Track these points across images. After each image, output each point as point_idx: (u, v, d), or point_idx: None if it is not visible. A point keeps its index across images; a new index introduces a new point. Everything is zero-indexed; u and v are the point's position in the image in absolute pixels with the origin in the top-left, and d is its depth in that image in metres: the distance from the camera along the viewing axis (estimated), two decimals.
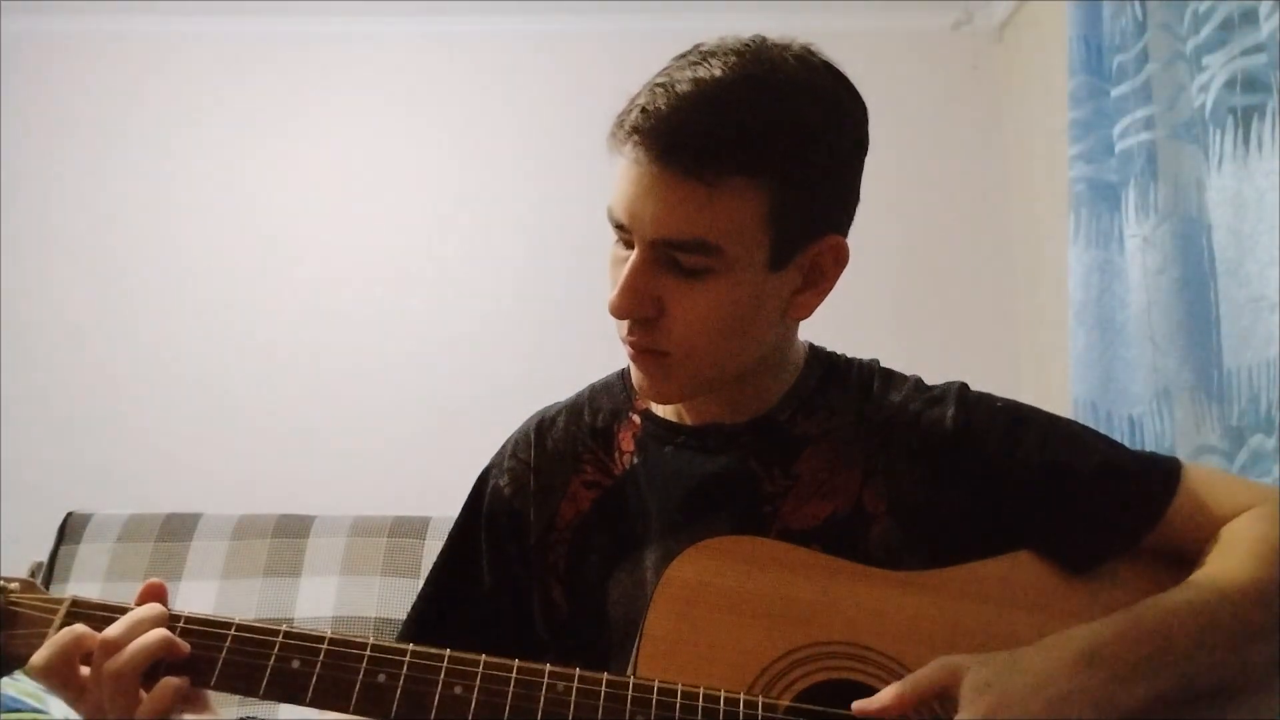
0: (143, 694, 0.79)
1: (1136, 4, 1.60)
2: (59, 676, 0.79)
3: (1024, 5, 2.48)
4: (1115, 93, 1.67)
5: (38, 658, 0.79)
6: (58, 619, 0.81)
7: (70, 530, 2.08)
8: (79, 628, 0.80)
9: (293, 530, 2.11)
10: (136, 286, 2.53)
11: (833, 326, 1.08)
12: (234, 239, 2.56)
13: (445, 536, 1.08)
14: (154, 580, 0.84)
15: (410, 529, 2.10)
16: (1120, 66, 1.65)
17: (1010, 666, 0.79)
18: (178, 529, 2.10)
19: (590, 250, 0.93)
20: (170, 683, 0.79)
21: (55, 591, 1.94)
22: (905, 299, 2.53)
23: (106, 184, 2.57)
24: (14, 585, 0.82)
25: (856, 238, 0.93)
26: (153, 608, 0.82)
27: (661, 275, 0.86)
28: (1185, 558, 0.89)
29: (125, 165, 2.57)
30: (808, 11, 2.45)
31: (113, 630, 0.79)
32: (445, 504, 1.20)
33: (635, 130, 0.83)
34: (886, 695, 0.78)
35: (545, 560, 1.00)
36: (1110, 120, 1.69)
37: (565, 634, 0.99)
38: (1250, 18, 1.35)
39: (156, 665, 0.79)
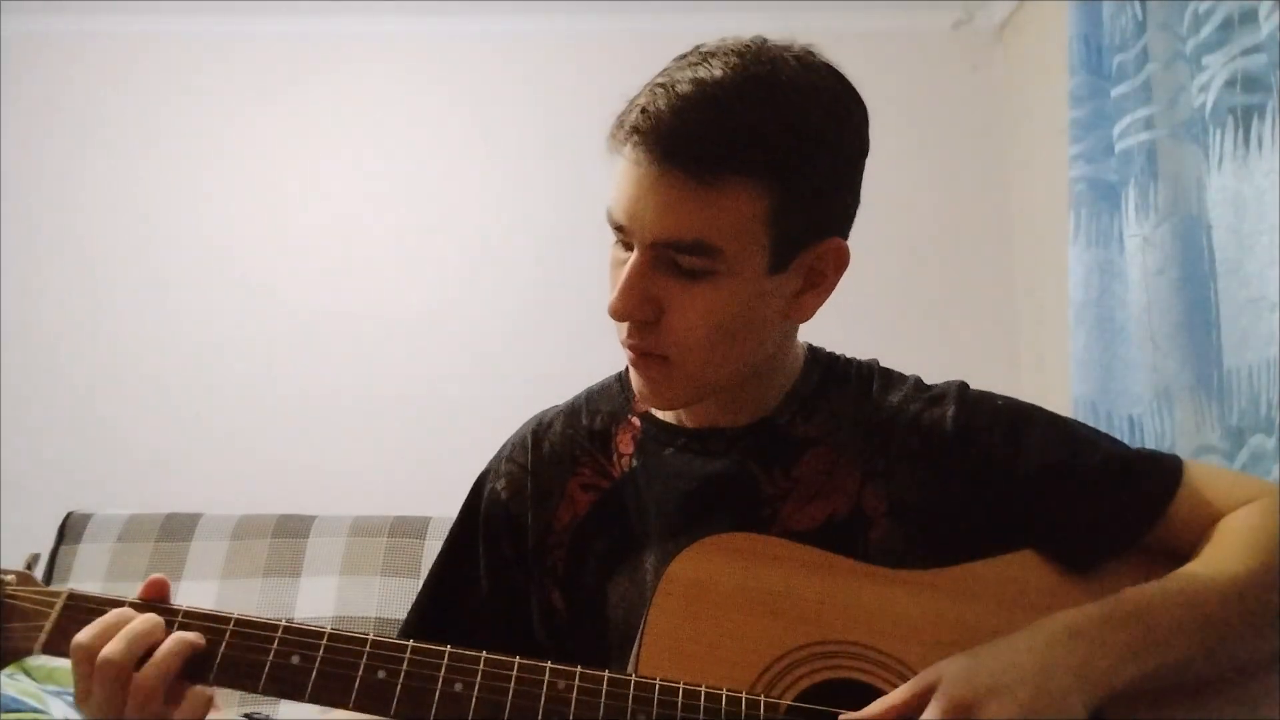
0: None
1: (1136, 4, 1.60)
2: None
3: (1024, 5, 2.48)
4: (1115, 92, 1.66)
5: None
6: (55, 612, 0.80)
7: (70, 530, 2.08)
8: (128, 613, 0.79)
9: (293, 530, 2.10)
10: (137, 286, 2.53)
11: (833, 326, 1.08)
12: (234, 239, 2.56)
13: (445, 537, 1.07)
14: (157, 576, 0.83)
15: (410, 529, 2.10)
16: (1120, 66, 1.65)
17: (989, 652, 0.79)
18: (178, 529, 2.09)
19: (595, 251, 0.93)
20: (202, 693, 0.79)
21: None
22: (905, 299, 2.53)
23: (106, 184, 2.56)
24: (10, 578, 0.81)
25: (857, 237, 0.93)
26: (148, 619, 0.79)
27: (661, 277, 0.85)
28: (1186, 554, 0.89)
29: (125, 165, 2.57)
30: (808, 11, 2.44)
31: (114, 651, 0.76)
32: (445, 504, 1.20)
33: (635, 131, 0.83)
34: (874, 708, 0.78)
35: (543, 564, 1.00)
36: (1110, 120, 1.69)
37: (564, 638, 0.98)
38: (1250, 18, 1.35)
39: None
